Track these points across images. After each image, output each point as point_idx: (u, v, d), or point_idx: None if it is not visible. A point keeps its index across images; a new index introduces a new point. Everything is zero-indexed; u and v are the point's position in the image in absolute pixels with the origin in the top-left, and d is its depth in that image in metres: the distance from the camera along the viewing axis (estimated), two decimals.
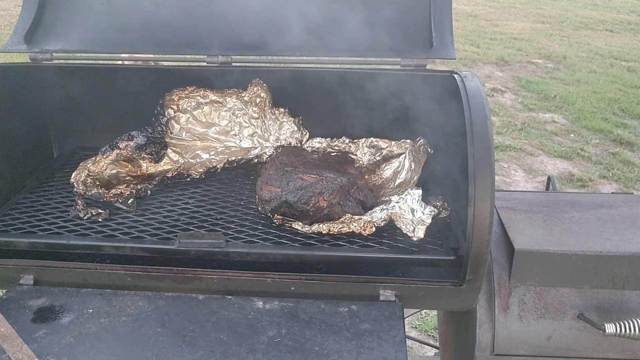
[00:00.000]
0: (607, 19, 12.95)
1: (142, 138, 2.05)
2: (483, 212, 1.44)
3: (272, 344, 1.37)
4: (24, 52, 1.95)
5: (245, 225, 1.75)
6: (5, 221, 1.77)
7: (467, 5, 13.55)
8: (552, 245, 1.59)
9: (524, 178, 5.71)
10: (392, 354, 1.34)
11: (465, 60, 9.24)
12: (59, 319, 1.44)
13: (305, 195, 1.70)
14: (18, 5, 4.61)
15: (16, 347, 1.29)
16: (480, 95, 1.55)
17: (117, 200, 1.82)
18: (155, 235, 1.69)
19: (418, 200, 1.70)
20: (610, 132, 6.72)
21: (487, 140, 1.46)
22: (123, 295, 1.53)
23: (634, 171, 5.89)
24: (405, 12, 1.94)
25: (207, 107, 2.16)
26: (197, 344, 1.36)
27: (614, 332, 1.53)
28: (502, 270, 1.64)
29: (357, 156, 2.05)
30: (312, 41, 1.90)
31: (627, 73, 9.03)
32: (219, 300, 1.51)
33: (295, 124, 2.13)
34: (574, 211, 1.78)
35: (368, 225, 1.67)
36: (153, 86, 2.07)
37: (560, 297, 1.64)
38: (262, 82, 2.11)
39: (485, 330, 1.63)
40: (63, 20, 2.00)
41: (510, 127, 6.82)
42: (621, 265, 1.56)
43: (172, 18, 1.98)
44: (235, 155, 2.11)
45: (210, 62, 1.91)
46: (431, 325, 3.64)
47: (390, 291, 1.56)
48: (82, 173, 1.88)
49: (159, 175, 2.00)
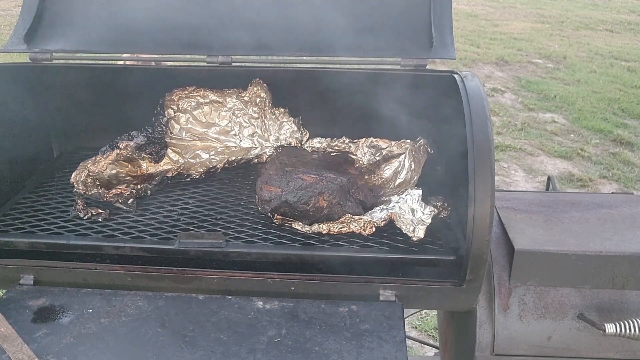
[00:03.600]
0: (607, 19, 12.95)
1: (142, 138, 2.05)
2: (483, 212, 1.44)
3: (272, 344, 1.37)
4: (24, 52, 1.95)
5: (245, 225, 1.75)
6: (5, 221, 1.77)
7: (467, 5, 13.55)
8: (552, 245, 1.59)
9: (524, 178, 5.71)
10: (392, 354, 1.34)
11: (465, 60, 9.24)
12: (59, 319, 1.44)
13: (305, 195, 1.70)
14: (18, 5, 4.61)
15: (16, 347, 1.29)
16: (480, 95, 1.55)
17: (117, 200, 1.82)
18: (155, 235, 1.69)
19: (418, 200, 1.70)
20: (610, 132, 6.72)
21: (487, 140, 1.46)
22: (123, 295, 1.53)
23: (634, 171, 5.89)
24: (405, 12, 1.94)
25: (207, 107, 2.16)
26: (197, 344, 1.36)
27: (614, 332, 1.53)
28: (502, 270, 1.64)
29: (357, 156, 2.05)
30: (312, 41, 1.90)
31: (627, 73, 9.03)
32: (219, 300, 1.51)
33: (295, 124, 2.13)
34: (574, 211, 1.78)
35: (368, 225, 1.67)
36: (153, 86, 2.07)
37: (560, 297, 1.64)
38: (262, 82, 2.11)
39: (485, 330, 1.63)
40: (63, 20, 2.00)
41: (510, 127, 6.82)
42: (621, 265, 1.56)
43: (172, 18, 1.98)
44: (235, 155, 2.11)
45: (210, 62, 1.91)
46: (431, 325, 3.64)
47: (390, 291, 1.56)
48: (82, 173, 1.88)
49: (159, 175, 2.00)
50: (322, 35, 1.90)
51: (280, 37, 1.91)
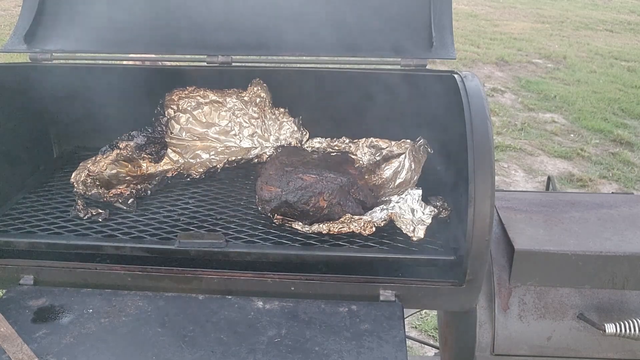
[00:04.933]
0: (607, 19, 12.95)
1: (142, 138, 2.05)
2: (483, 212, 1.44)
3: (272, 344, 1.37)
4: (24, 52, 1.95)
5: (245, 225, 1.75)
6: (5, 221, 1.77)
7: (467, 5, 13.55)
8: (552, 245, 1.59)
9: (524, 178, 5.71)
10: (392, 354, 1.34)
11: (465, 60, 9.24)
12: (59, 319, 1.44)
13: (305, 195, 1.70)
14: (18, 5, 4.61)
15: (16, 347, 1.29)
16: (480, 95, 1.55)
17: (117, 200, 1.82)
18: (155, 235, 1.69)
19: (418, 200, 1.70)
20: (610, 132, 6.72)
21: (487, 140, 1.46)
22: (123, 295, 1.53)
23: (634, 171, 5.89)
24: (405, 12, 1.94)
25: (207, 107, 2.16)
26: (197, 344, 1.36)
27: (614, 332, 1.53)
28: (502, 270, 1.64)
29: (357, 156, 2.05)
30: (312, 41, 1.90)
31: (627, 73, 9.03)
32: (219, 300, 1.51)
33: (295, 124, 2.13)
34: (574, 211, 1.78)
35: (368, 225, 1.67)
36: (153, 86, 2.07)
37: (560, 297, 1.64)
38: (262, 82, 2.11)
39: (485, 330, 1.63)
40: (63, 20, 2.00)
41: (510, 127, 6.82)
42: (621, 265, 1.56)
43: (172, 18, 1.98)
44: (235, 155, 2.11)
45: (210, 62, 1.91)
46: (431, 325, 3.64)
47: (390, 291, 1.56)
48: (82, 173, 1.88)
49: (159, 175, 2.00)
50: (322, 35, 1.90)
51: (280, 37, 1.91)
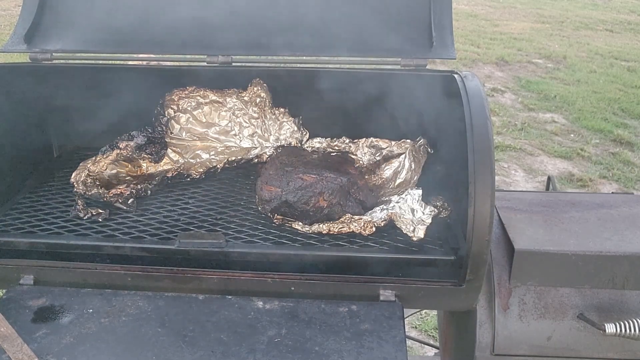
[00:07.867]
0: (607, 19, 12.94)
1: (142, 138, 2.05)
2: (483, 212, 1.44)
3: (272, 344, 1.37)
4: (24, 52, 1.95)
5: (245, 225, 1.75)
6: (5, 221, 1.77)
7: (467, 5, 13.55)
8: (552, 245, 1.59)
9: (524, 178, 5.71)
10: (392, 354, 1.34)
11: (465, 60, 9.24)
12: (59, 319, 1.44)
13: (305, 195, 1.70)
14: (18, 5, 4.61)
15: (16, 347, 1.29)
16: (480, 95, 1.55)
17: (117, 200, 1.82)
18: (155, 235, 1.69)
19: (418, 200, 1.70)
20: (610, 132, 6.72)
21: (487, 140, 1.46)
22: (123, 295, 1.53)
23: (634, 171, 5.89)
24: (405, 12, 1.94)
25: (207, 107, 2.16)
26: (197, 344, 1.36)
27: (614, 332, 1.53)
28: (502, 270, 1.64)
29: (357, 156, 2.05)
30: (312, 41, 1.90)
31: (627, 73, 9.03)
32: (219, 300, 1.51)
33: (295, 124, 2.13)
34: (574, 211, 1.78)
35: (368, 225, 1.67)
36: (153, 86, 2.07)
37: (560, 297, 1.64)
38: (262, 82, 2.11)
39: (485, 330, 1.63)
40: (63, 20, 2.00)
41: (510, 127, 6.82)
42: (621, 265, 1.56)
43: (172, 18, 1.98)
44: (235, 155, 2.11)
45: (210, 62, 1.91)
46: (431, 325, 3.64)
47: (390, 291, 1.56)
48: (82, 173, 1.88)
49: (159, 175, 2.00)
50: (322, 35, 1.90)
51: (280, 37, 1.91)
